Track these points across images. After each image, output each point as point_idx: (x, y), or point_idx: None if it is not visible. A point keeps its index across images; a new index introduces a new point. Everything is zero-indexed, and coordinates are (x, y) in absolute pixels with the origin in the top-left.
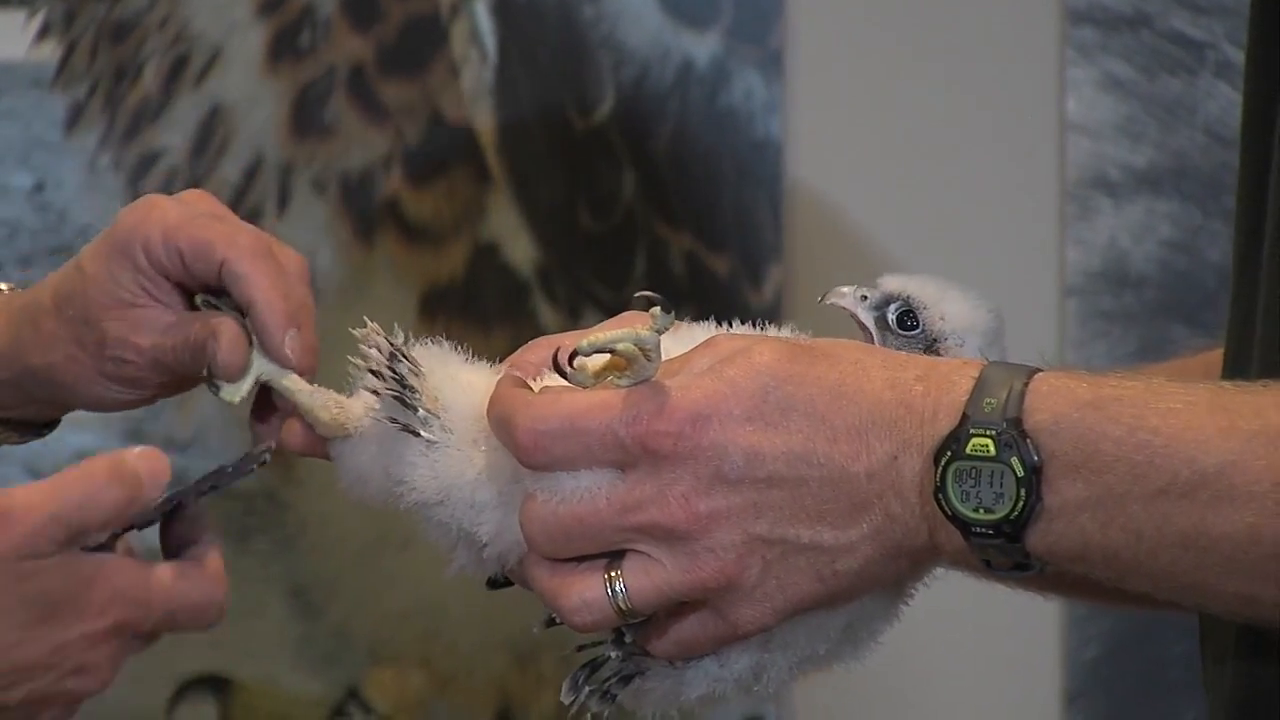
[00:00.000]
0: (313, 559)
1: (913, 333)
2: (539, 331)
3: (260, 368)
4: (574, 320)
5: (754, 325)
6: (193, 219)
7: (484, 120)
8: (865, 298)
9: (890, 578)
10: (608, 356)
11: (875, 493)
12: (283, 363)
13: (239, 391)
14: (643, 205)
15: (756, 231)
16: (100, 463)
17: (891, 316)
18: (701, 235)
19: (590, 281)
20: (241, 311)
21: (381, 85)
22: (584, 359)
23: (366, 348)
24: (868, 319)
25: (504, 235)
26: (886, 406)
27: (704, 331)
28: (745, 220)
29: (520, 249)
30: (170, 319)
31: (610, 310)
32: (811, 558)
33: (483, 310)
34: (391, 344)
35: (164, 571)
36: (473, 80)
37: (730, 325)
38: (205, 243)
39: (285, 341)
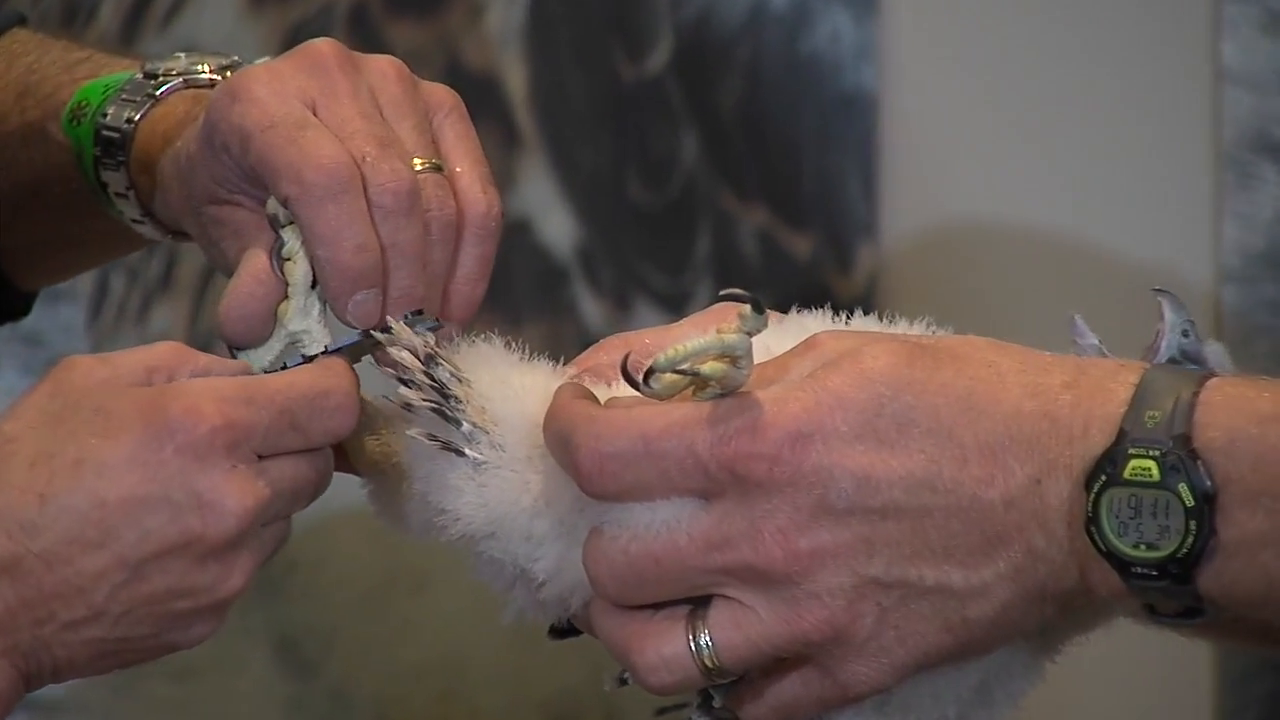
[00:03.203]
0: (304, 606)
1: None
2: (579, 327)
3: (307, 335)
4: (621, 313)
5: (879, 319)
6: (271, 128)
7: (513, 70)
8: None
9: (1032, 626)
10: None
11: (1014, 524)
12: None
13: (258, 360)
14: (706, 173)
15: (845, 205)
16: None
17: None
18: (778, 209)
19: (642, 265)
20: None
21: (388, 26)
22: (662, 375)
23: (397, 351)
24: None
25: (537, 210)
26: (1027, 420)
27: (815, 324)
28: (831, 191)
29: (557, 226)
30: (252, 223)
31: (665, 301)
32: (937, 603)
33: (511, 301)
34: (427, 344)
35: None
36: (499, 21)
37: (844, 317)
38: (271, 169)
39: (349, 308)
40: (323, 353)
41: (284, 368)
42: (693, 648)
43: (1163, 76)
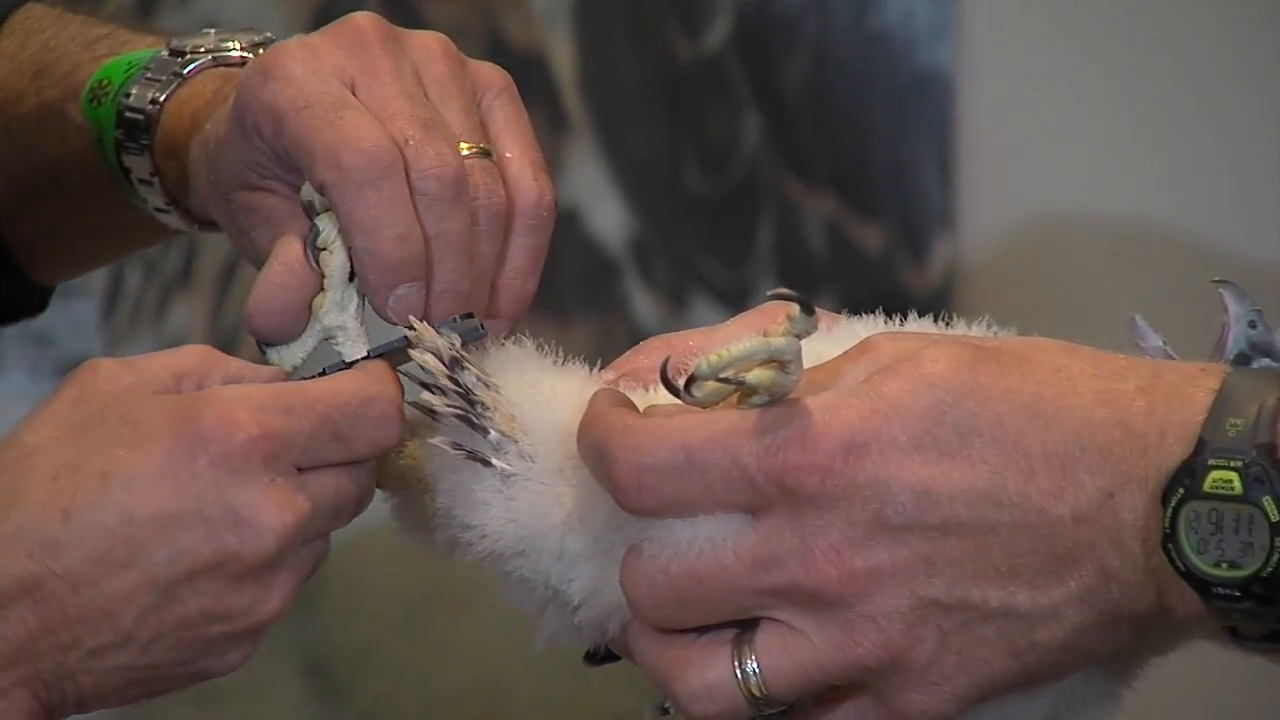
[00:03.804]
0: (336, 626)
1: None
2: (631, 325)
3: (342, 331)
4: (676, 310)
5: (935, 320)
6: (306, 108)
7: (560, 47)
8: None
9: (1106, 651)
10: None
11: (1085, 541)
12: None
13: (289, 357)
14: (769, 158)
15: (919, 193)
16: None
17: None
18: (847, 198)
19: (699, 258)
20: None
21: (427, 2)
22: (704, 382)
23: (420, 353)
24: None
25: (586, 198)
26: (1099, 428)
27: (866, 329)
28: (905, 178)
29: (608, 216)
30: (285, 211)
31: (725, 297)
32: (1002, 627)
33: (558, 298)
34: (452, 346)
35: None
36: None
37: (898, 320)
38: (306, 152)
39: (389, 302)
40: (364, 357)
41: (322, 373)
42: (738, 675)
43: (1257, 57)
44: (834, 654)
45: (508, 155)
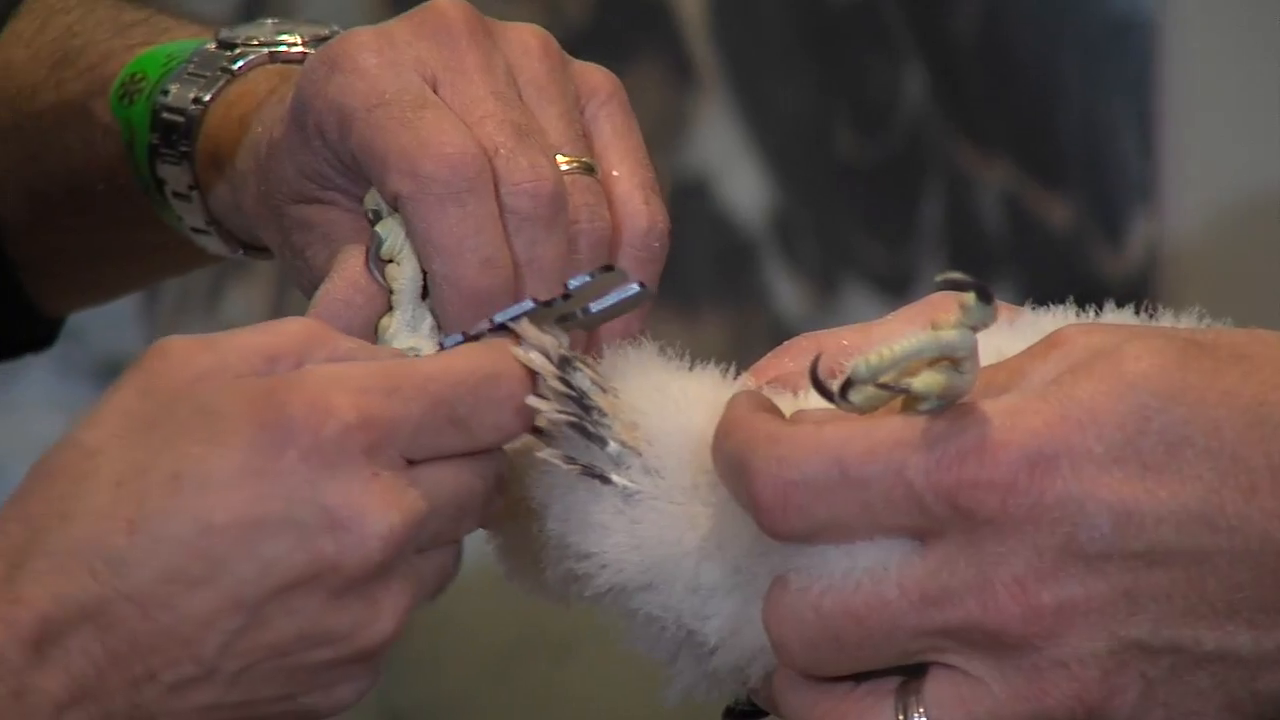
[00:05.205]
0: (420, 675)
1: None
2: (771, 320)
3: (415, 355)
4: (826, 299)
5: (1137, 311)
6: (379, 106)
7: None
8: None
9: None
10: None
11: None
12: None
13: None
14: (936, 120)
15: (1114, 161)
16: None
17: None
18: (1028, 166)
19: (853, 238)
20: None
21: None
22: (863, 387)
23: (524, 352)
24: None
25: (717, 167)
26: None
27: (1054, 323)
28: (1097, 144)
29: (744, 188)
30: (347, 226)
31: (883, 284)
32: (1218, 674)
33: (684, 288)
34: (561, 345)
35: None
36: None
37: (1092, 311)
38: (378, 158)
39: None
40: (471, 336)
41: (440, 349)
42: None
43: None
44: (1017, 706)
45: (614, 173)
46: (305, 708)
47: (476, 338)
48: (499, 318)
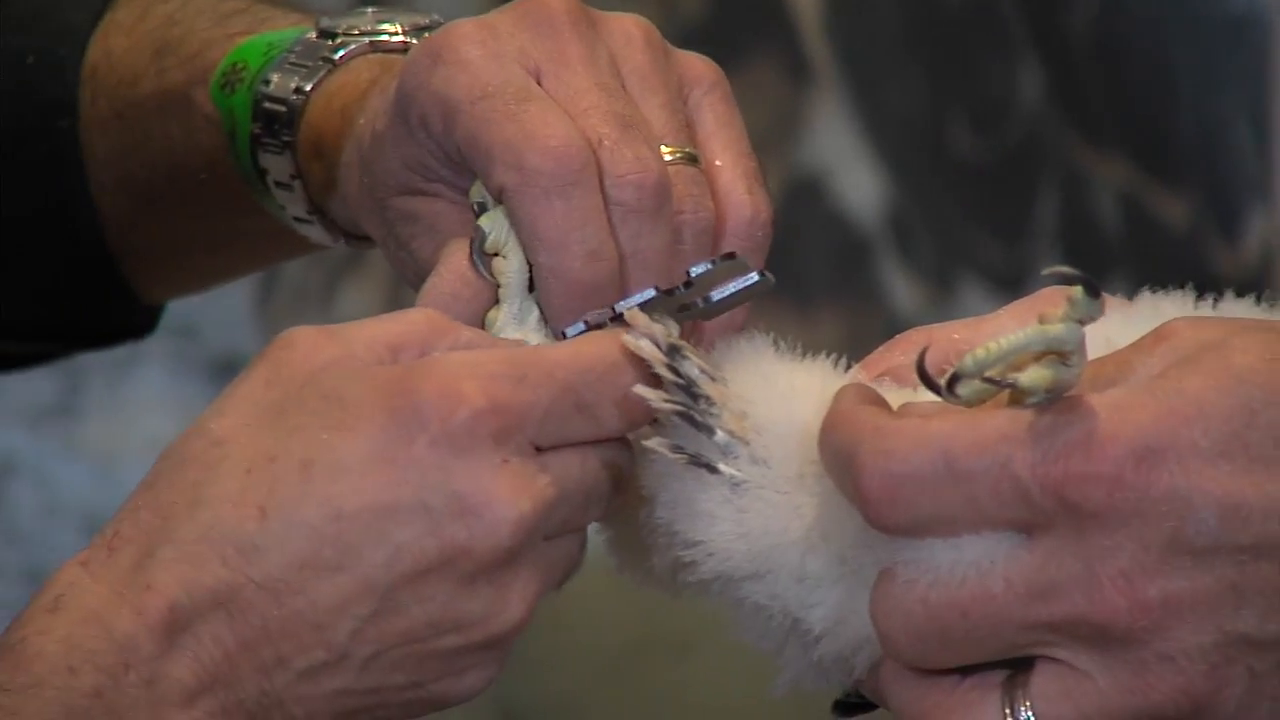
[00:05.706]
0: (537, 674)
1: None
2: (886, 315)
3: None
4: (941, 295)
5: (1257, 303)
6: (484, 98)
7: None
8: None
9: None
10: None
11: None
12: None
13: None
14: (1053, 118)
15: (1230, 158)
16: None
17: None
18: (1144, 163)
19: (969, 235)
20: None
21: None
22: (970, 380)
23: (633, 340)
24: None
25: (833, 164)
26: None
27: (1173, 308)
28: (1212, 141)
29: (859, 186)
30: (453, 218)
31: (998, 281)
32: None
33: (799, 284)
34: (669, 334)
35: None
36: None
37: (1210, 301)
38: (483, 151)
39: (572, 333)
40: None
41: (562, 337)
42: None
43: None
44: (1124, 699)
45: (717, 163)
46: (433, 694)
47: (599, 326)
48: (620, 306)
